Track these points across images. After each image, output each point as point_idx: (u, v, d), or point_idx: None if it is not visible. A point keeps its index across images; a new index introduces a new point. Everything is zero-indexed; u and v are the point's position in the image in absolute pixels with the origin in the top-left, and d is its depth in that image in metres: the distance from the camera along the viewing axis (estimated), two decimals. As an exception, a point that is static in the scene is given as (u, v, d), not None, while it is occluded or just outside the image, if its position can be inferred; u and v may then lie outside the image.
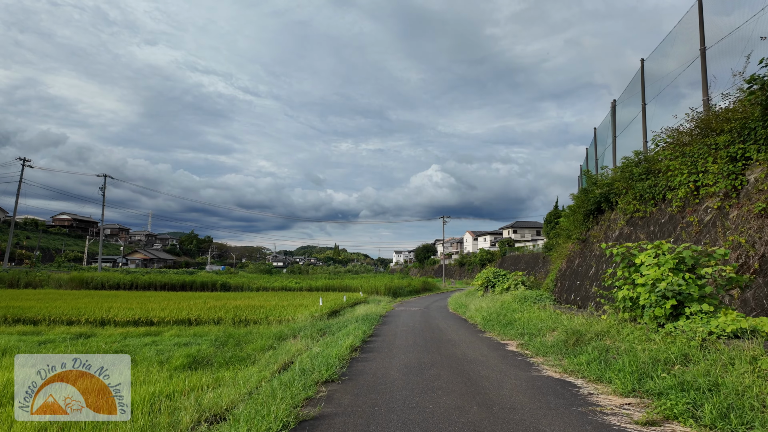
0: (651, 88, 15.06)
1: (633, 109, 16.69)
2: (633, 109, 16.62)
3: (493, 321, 12.37)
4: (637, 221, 12.88)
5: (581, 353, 7.27)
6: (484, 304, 14.93)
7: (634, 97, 17.25)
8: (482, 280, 20.89)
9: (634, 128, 16.34)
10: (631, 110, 17.07)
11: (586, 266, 17.04)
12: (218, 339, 13.04)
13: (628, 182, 12.74)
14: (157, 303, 19.95)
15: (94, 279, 35.98)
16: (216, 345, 12.44)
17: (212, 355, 11.18)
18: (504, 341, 10.16)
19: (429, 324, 14.24)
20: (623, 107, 18.35)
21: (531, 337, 9.66)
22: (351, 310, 20.66)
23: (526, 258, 60.51)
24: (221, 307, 18.24)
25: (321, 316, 16.23)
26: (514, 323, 11.32)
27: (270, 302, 20.48)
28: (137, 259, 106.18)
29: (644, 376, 5.52)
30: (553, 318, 10.56)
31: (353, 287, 35.35)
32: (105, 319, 16.44)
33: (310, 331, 12.96)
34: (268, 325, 15.61)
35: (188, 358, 10.54)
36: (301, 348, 11.07)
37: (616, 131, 18.50)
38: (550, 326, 10.04)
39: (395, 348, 9.27)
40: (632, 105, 16.89)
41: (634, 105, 16.49)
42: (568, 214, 20.87)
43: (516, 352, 8.74)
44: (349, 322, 13.76)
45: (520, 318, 11.51)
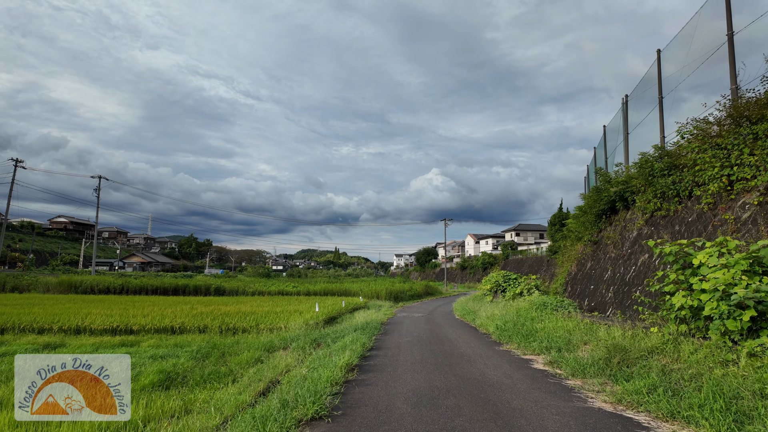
0: (666, 82, 14.15)
1: (646, 105, 15.54)
2: (646, 105, 15.47)
3: (509, 331, 10.90)
4: (658, 220, 11.64)
5: (634, 377, 5.82)
6: (497, 312, 13.43)
7: (649, 90, 16.18)
8: (491, 284, 19.34)
9: (649, 124, 15.26)
10: (643, 106, 15.85)
11: (600, 269, 15.78)
12: (200, 350, 11.60)
13: (648, 179, 11.85)
14: (141, 309, 18.51)
15: (84, 283, 34.53)
16: (197, 358, 11.00)
17: (190, 371, 9.74)
18: (526, 356, 8.70)
19: (436, 333, 12.78)
20: (636, 102, 17.19)
21: (560, 351, 8.21)
22: (350, 316, 19.18)
23: (530, 261, 59.15)
24: (209, 313, 16.78)
25: (317, 324, 14.77)
26: (535, 334, 9.85)
27: (263, 308, 19.02)
28: (135, 263, 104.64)
29: (742, 416, 4.07)
30: (582, 328, 9.11)
31: (353, 291, 33.83)
32: (80, 327, 15.00)
33: (303, 341, 11.52)
34: (258, 333, 14.16)
35: (161, 374, 9.12)
36: (291, 363, 9.63)
37: (629, 128, 17.33)
38: (580, 339, 8.59)
39: (400, 366, 7.80)
40: (645, 100, 15.82)
41: (648, 100, 15.45)
42: (577, 215, 19.78)
43: (546, 371, 7.27)
44: (346, 332, 12.31)
45: (542, 328, 10.04)
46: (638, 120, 16.52)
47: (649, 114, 15.52)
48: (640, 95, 16.84)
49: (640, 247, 12.86)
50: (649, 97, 15.45)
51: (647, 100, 15.88)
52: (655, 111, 14.47)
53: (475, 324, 14.45)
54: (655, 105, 14.39)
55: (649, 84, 15.56)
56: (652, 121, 15.27)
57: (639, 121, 16.37)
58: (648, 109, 15.58)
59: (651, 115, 15.15)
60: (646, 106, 15.80)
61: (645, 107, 15.95)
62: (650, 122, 15.39)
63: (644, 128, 16.13)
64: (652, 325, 7.72)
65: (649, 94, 15.46)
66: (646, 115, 15.74)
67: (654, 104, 14.56)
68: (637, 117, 16.66)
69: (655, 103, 14.48)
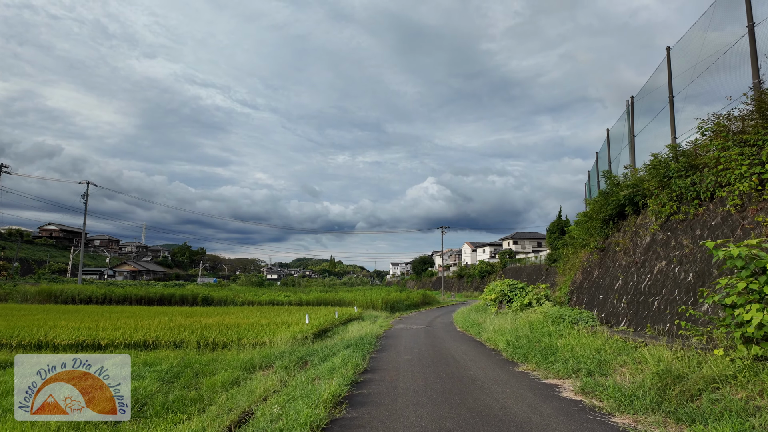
0: (662, 91, 13.80)
1: (653, 105, 14.71)
2: (653, 105, 14.68)
3: (523, 348, 9.48)
4: (675, 225, 10.78)
5: (707, 416, 4.45)
6: (506, 325, 11.97)
7: (657, 91, 15.38)
8: (496, 293, 17.65)
9: (654, 129, 14.49)
10: (649, 107, 15.03)
11: (609, 277, 14.69)
12: (171, 370, 10.11)
13: (662, 181, 11.21)
14: (115, 320, 16.95)
15: (64, 292, 32.79)
16: (165, 379, 9.49)
17: (151, 396, 8.24)
18: (550, 380, 7.29)
19: (438, 350, 11.35)
20: (642, 104, 16.40)
21: (591, 376, 6.83)
22: (343, 328, 17.70)
23: (528, 270, 58.01)
24: (188, 326, 15.26)
25: (305, 338, 13.31)
26: (555, 352, 8.45)
27: (248, 319, 17.50)
28: (125, 271, 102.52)
29: None
30: (613, 347, 7.73)
31: (347, 301, 32.29)
32: (43, 342, 13.46)
33: (288, 360, 10.07)
34: (239, 349, 12.67)
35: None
36: (271, 387, 8.18)
37: (635, 130, 16.41)
38: (614, 360, 7.21)
39: (400, 397, 6.35)
40: (652, 101, 14.98)
41: (656, 100, 14.56)
42: (581, 221, 18.79)
43: (581, 403, 5.85)
44: (338, 348, 10.86)
45: (564, 345, 8.64)
46: (645, 122, 15.80)
47: (659, 114, 14.72)
48: (647, 95, 16.06)
49: (655, 254, 11.75)
50: (659, 98, 14.70)
51: (654, 101, 15.20)
52: (665, 112, 13.63)
53: (481, 338, 13.02)
54: (665, 104, 13.51)
55: (657, 83, 14.80)
56: (660, 123, 14.66)
57: (647, 123, 15.57)
58: (652, 114, 14.96)
59: (660, 116, 14.40)
60: (653, 109, 15.18)
61: (650, 111, 15.33)
62: (658, 124, 14.80)
63: (648, 134, 15.65)
64: (702, 346, 6.37)
65: (657, 95, 14.66)
66: (655, 116, 14.93)
67: (664, 105, 13.75)
68: (646, 118, 15.86)
69: (663, 104, 13.67)
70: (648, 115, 15.43)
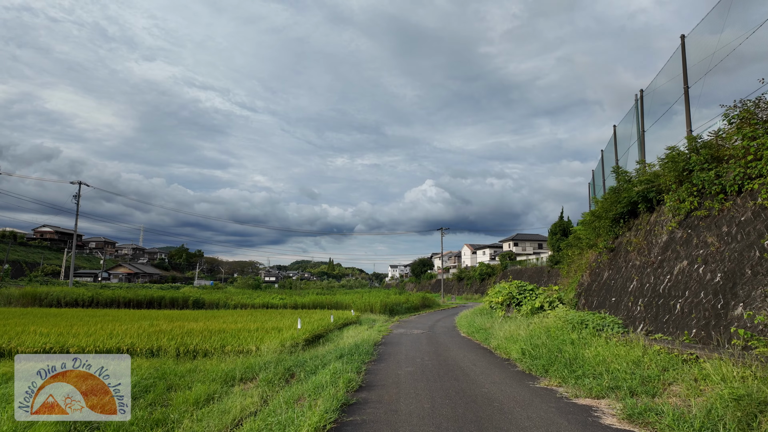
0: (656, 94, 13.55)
1: (666, 98, 13.70)
2: (666, 99, 13.73)
3: (542, 358, 8.21)
4: (696, 221, 10.03)
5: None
6: (520, 331, 10.63)
7: (672, 81, 14.33)
8: (503, 296, 16.23)
9: (674, 117, 13.42)
10: (663, 101, 14.15)
11: (622, 279, 13.76)
12: (141, 383, 8.82)
13: (681, 175, 10.55)
14: (91, 325, 15.66)
15: (50, 295, 31.46)
16: (132, 394, 8.24)
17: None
18: (581, 400, 6.03)
19: (443, 360, 10.08)
20: (653, 98, 15.53)
21: (634, 395, 5.58)
22: (338, 333, 16.44)
23: (530, 272, 56.96)
24: (169, 331, 13.96)
25: (295, 346, 12.05)
26: (582, 365, 7.20)
27: (237, 324, 16.23)
28: (121, 274, 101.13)
29: None
30: (656, 360, 6.49)
31: (345, 304, 30.99)
32: (5, 350, 12.17)
33: (274, 371, 8.81)
34: (222, 357, 11.40)
35: (59, 426, 6.36)
36: (248, 406, 6.95)
37: (645, 125, 15.42)
38: (658, 376, 5.97)
39: (402, 425, 5.07)
40: (663, 93, 14.02)
41: (669, 92, 13.55)
42: (587, 221, 17.86)
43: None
44: (329, 358, 9.60)
45: (592, 356, 7.39)
46: (655, 117, 14.96)
47: (672, 106, 13.78)
48: (658, 88, 15.13)
49: (675, 253, 10.73)
50: (674, 89, 13.79)
51: (666, 93, 14.12)
52: (679, 103, 12.72)
53: (490, 345, 11.75)
54: (681, 95, 12.49)
55: (671, 73, 13.84)
56: (662, 125, 13.75)
57: (660, 116, 14.72)
58: (665, 106, 13.89)
59: (673, 109, 13.54)
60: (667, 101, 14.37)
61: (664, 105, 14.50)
62: (661, 124, 14.00)
63: (660, 128, 14.57)
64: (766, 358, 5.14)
65: (671, 88, 13.72)
66: (668, 108, 14.01)
67: (678, 96, 12.75)
68: (656, 113, 14.99)
69: (678, 96, 12.69)
70: (661, 109, 14.47)
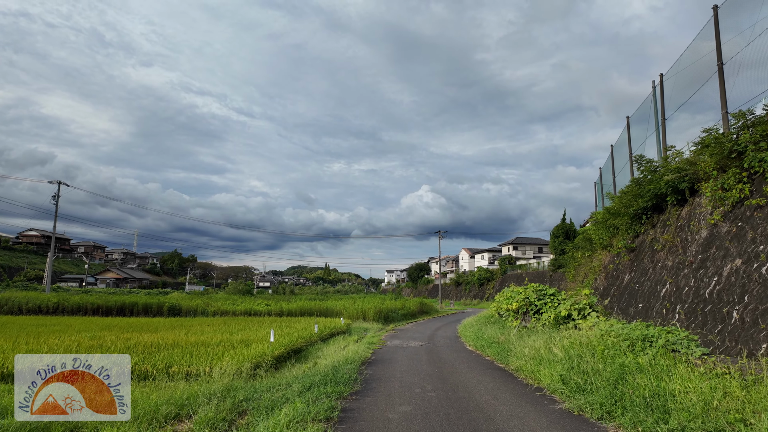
0: None
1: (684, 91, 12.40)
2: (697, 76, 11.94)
3: (597, 392, 5.67)
4: (749, 212, 8.50)
5: None
6: (555, 350, 7.86)
7: (694, 65, 12.24)
8: (518, 302, 13.45)
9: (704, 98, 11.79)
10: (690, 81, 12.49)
11: (650, 282, 12.13)
12: (27, 425, 6.22)
13: (727, 158, 9.09)
14: (27, 337, 13.02)
15: (10, 301, 28.78)
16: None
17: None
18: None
19: (452, 389, 7.52)
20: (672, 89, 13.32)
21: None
22: (321, 347, 13.87)
23: (530, 276, 54.49)
24: (108, 346, 11.35)
25: (258, 366, 9.44)
26: (671, 407, 4.65)
27: (201, 336, 13.63)
28: (108, 279, 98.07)
29: None
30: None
31: (335, 311, 28.35)
32: None
33: (216, 410, 6.24)
34: (166, 381, 8.74)
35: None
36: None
37: (665, 113, 13.68)
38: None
39: None
40: (686, 78, 12.46)
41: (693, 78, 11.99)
42: (601, 219, 16.13)
43: None
44: (294, 389, 7.03)
45: (681, 392, 4.83)
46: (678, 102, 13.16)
47: (706, 84, 11.72)
48: (681, 72, 13.43)
49: (722, 251, 8.99)
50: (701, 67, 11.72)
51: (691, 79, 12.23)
52: (714, 80, 10.74)
53: (509, 366, 9.18)
54: (714, 72, 10.61)
55: (697, 53, 11.84)
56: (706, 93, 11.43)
57: (691, 94, 12.80)
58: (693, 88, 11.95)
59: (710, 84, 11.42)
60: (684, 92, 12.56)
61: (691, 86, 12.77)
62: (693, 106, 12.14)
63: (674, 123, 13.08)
64: None
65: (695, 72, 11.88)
66: (703, 84, 12.07)
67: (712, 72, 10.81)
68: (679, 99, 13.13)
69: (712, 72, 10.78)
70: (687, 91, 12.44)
